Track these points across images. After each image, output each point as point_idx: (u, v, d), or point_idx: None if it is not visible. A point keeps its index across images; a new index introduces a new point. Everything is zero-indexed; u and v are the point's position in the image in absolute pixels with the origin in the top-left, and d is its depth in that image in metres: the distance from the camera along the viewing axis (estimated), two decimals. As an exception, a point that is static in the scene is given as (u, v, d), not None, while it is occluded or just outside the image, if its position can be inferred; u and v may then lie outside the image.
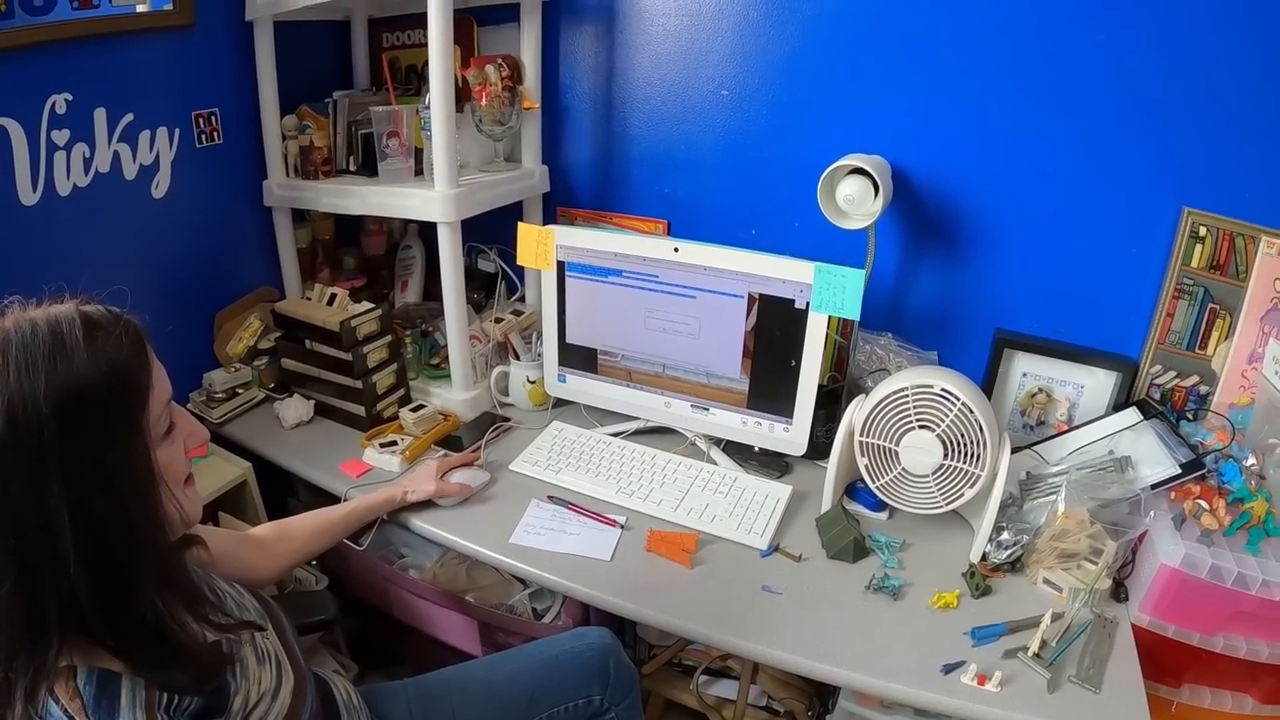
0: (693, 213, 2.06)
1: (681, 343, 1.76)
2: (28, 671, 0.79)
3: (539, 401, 2.01)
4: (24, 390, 0.77)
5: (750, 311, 1.65)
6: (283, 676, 1.03)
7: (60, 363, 0.79)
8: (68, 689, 0.79)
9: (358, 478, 1.77)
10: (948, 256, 1.83)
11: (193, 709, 0.86)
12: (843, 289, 1.53)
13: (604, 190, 2.15)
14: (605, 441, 1.84)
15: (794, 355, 1.63)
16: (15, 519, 0.78)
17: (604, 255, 1.74)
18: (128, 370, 0.85)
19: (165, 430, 0.91)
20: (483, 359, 2.04)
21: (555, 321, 1.86)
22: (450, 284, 1.83)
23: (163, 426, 0.91)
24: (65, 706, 0.78)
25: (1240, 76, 1.51)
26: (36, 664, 0.79)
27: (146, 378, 0.87)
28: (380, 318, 1.92)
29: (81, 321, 0.83)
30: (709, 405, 1.78)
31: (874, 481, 1.56)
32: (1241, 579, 1.34)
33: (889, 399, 1.49)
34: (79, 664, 0.81)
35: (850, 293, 1.53)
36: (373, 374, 1.91)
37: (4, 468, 0.77)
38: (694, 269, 1.67)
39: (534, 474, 1.76)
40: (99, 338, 0.83)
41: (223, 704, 0.91)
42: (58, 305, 0.86)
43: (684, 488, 1.68)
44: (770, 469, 1.78)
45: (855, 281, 1.52)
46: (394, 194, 1.85)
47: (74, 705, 0.78)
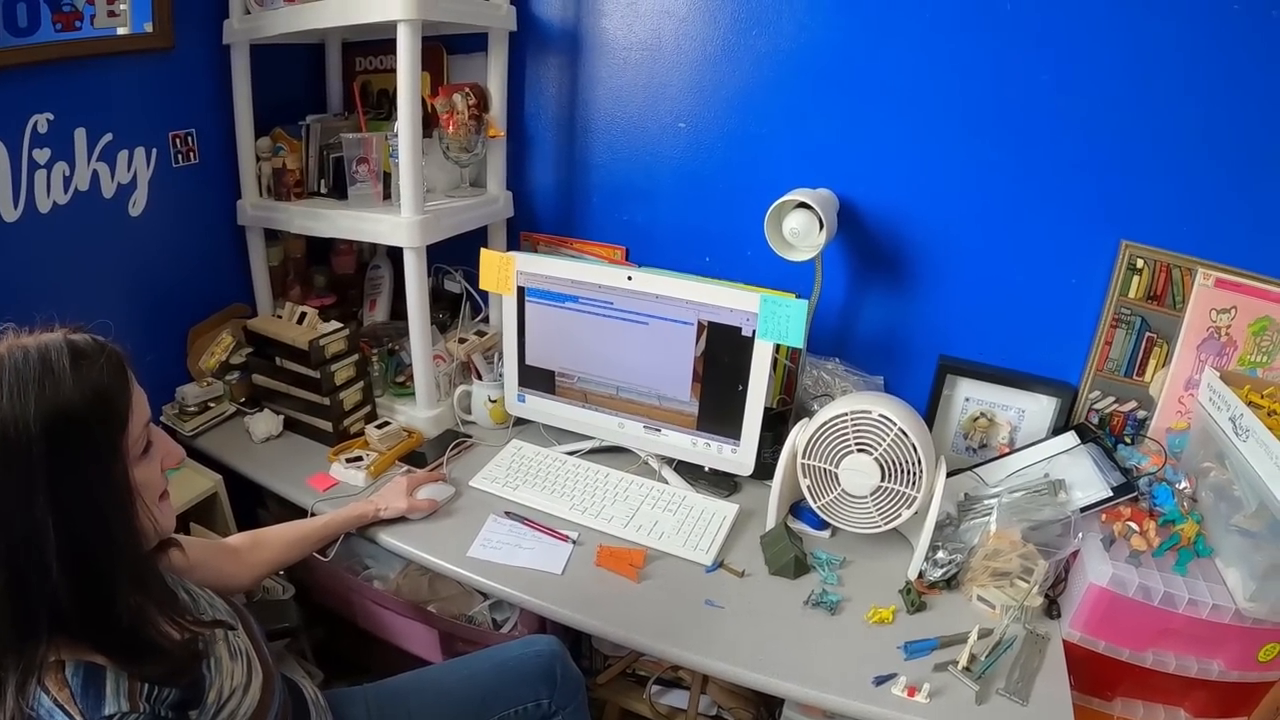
0: (651, 239, 2.13)
1: (635, 367, 1.83)
2: (19, 667, 0.85)
3: (500, 420, 2.07)
4: (15, 411, 0.83)
5: (700, 338, 1.72)
6: (253, 673, 1.09)
7: (49, 387, 0.86)
8: (56, 681, 0.85)
9: (324, 491, 1.81)
10: (894, 285, 1.90)
11: (172, 699, 0.92)
12: (787, 318, 1.60)
13: (566, 216, 2.21)
14: (561, 460, 1.90)
15: (741, 380, 1.70)
16: (4, 529, 0.84)
17: (562, 282, 1.81)
18: (110, 395, 0.92)
19: (143, 449, 0.97)
20: (446, 378, 2.09)
21: (515, 344, 1.92)
22: (415, 306, 1.87)
23: (141, 446, 0.97)
24: (55, 697, 0.84)
25: (1177, 115, 1.58)
26: (27, 660, 0.85)
27: (127, 402, 0.94)
28: (348, 337, 1.96)
29: (69, 349, 0.89)
30: (661, 426, 1.84)
31: (815, 501, 1.62)
32: (1169, 598, 1.39)
33: (830, 423, 1.56)
34: (66, 659, 0.87)
35: (794, 322, 1.60)
36: (340, 391, 1.95)
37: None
38: (647, 297, 1.73)
39: (493, 490, 1.81)
40: (84, 365, 0.89)
41: (199, 695, 0.97)
42: (47, 333, 0.92)
43: (635, 505, 1.74)
44: (719, 488, 1.84)
45: (799, 311, 1.59)
46: (362, 218, 1.89)
47: (63, 695, 0.85)
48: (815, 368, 1.92)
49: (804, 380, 1.92)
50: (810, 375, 1.92)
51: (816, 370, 1.92)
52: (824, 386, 1.89)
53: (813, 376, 1.91)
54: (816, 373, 1.91)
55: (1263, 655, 1.43)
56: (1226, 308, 1.64)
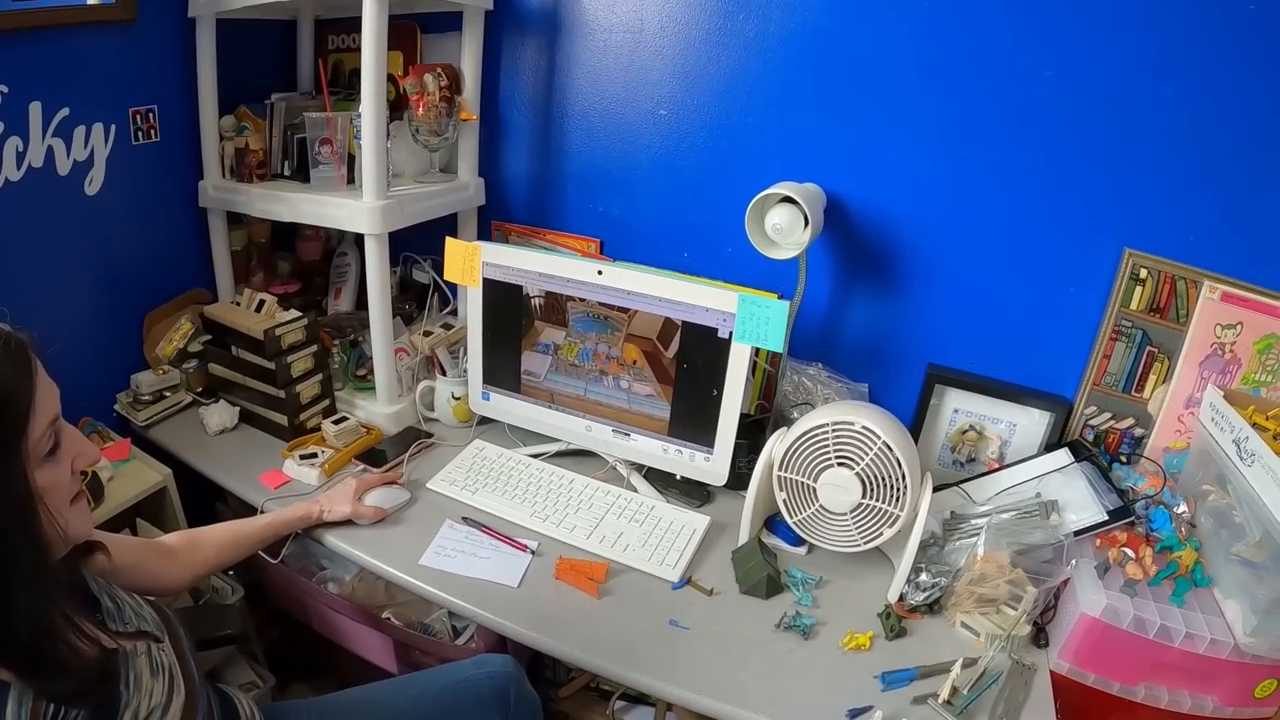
0: (626, 232, 2.03)
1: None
2: None
3: (463, 418, 1.98)
4: None
5: (673, 338, 1.62)
6: (174, 690, 1.01)
7: None
8: None
9: (275, 489, 1.73)
10: (882, 288, 1.81)
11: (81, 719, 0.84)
12: (767, 320, 1.50)
13: (539, 206, 2.13)
14: (525, 463, 1.81)
15: (716, 385, 1.60)
16: None
17: (530, 275, 1.71)
18: (6, 392, 0.83)
19: (49, 450, 0.89)
20: (410, 372, 2.00)
21: (480, 339, 1.83)
22: (376, 296, 1.79)
23: (45, 447, 0.88)
24: None
25: (1187, 118, 1.50)
26: None
27: (28, 399, 0.85)
28: (306, 327, 1.88)
29: None
30: (630, 431, 1.75)
31: (791, 517, 1.53)
32: (1165, 631, 1.34)
33: (809, 434, 1.46)
34: None
35: (774, 324, 1.50)
36: (296, 384, 1.87)
37: None
38: (618, 292, 1.64)
39: (450, 493, 1.72)
40: None
41: (111, 716, 0.89)
42: None
43: (599, 514, 1.65)
44: (691, 498, 1.74)
45: (779, 313, 1.49)
46: (323, 202, 1.82)
47: None
48: (796, 373, 1.83)
49: (784, 386, 1.82)
50: (790, 381, 1.82)
51: (798, 375, 1.82)
52: (805, 393, 1.79)
53: (793, 382, 1.82)
54: (798, 378, 1.81)
55: (1259, 692, 1.38)
56: (1232, 323, 1.57)
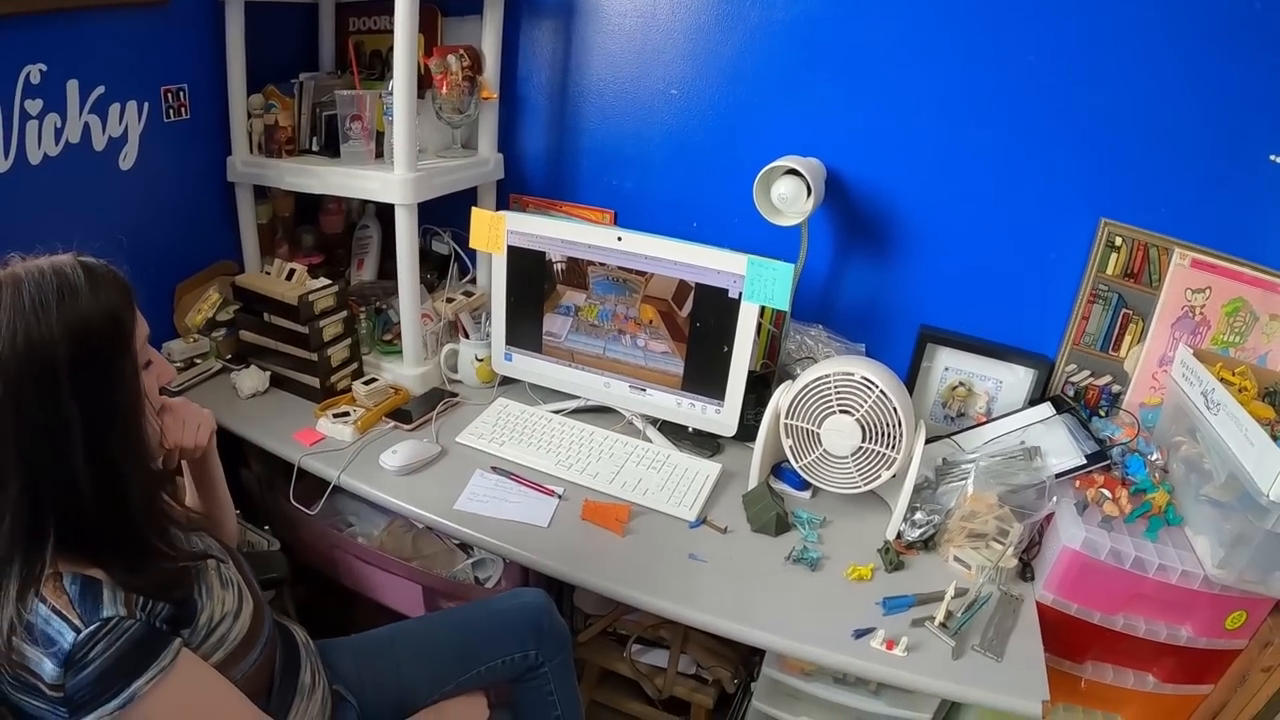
0: (639, 204, 2.14)
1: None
2: (20, 575, 0.91)
3: (486, 379, 2.08)
4: (40, 320, 0.90)
5: (687, 299, 1.74)
6: (243, 602, 1.14)
7: (69, 298, 0.93)
8: (54, 589, 0.91)
9: (311, 446, 1.80)
10: (878, 254, 1.93)
11: (165, 614, 0.97)
12: (773, 281, 1.62)
13: (555, 179, 2.22)
14: (547, 418, 1.92)
15: (727, 342, 1.72)
16: (30, 428, 0.90)
17: (552, 241, 1.82)
18: (120, 308, 0.99)
19: (145, 363, 1.05)
20: (434, 336, 2.10)
21: (504, 302, 1.93)
22: (405, 264, 1.88)
23: (143, 359, 1.04)
24: (53, 604, 0.89)
25: (1160, 97, 1.61)
26: (28, 568, 0.91)
27: (134, 317, 1.02)
28: (337, 294, 1.95)
29: (82, 269, 0.97)
30: (646, 386, 1.86)
31: (797, 461, 1.65)
32: (1139, 562, 1.43)
33: (813, 384, 1.58)
34: (64, 570, 0.92)
35: (780, 285, 1.62)
36: (328, 347, 1.94)
37: (21, 384, 0.90)
38: (636, 257, 1.75)
39: (479, 446, 1.83)
40: (97, 280, 0.97)
41: (190, 615, 1.02)
42: (59, 256, 0.99)
43: (619, 463, 1.76)
44: (702, 448, 1.86)
45: (785, 275, 1.61)
46: (354, 175, 1.89)
47: (60, 601, 0.90)
48: (798, 333, 1.95)
49: (787, 345, 1.94)
50: (793, 340, 1.94)
51: (800, 336, 1.94)
52: (806, 351, 1.92)
53: (795, 341, 1.94)
54: (800, 338, 1.94)
55: (1229, 623, 1.47)
56: (1201, 288, 1.67)
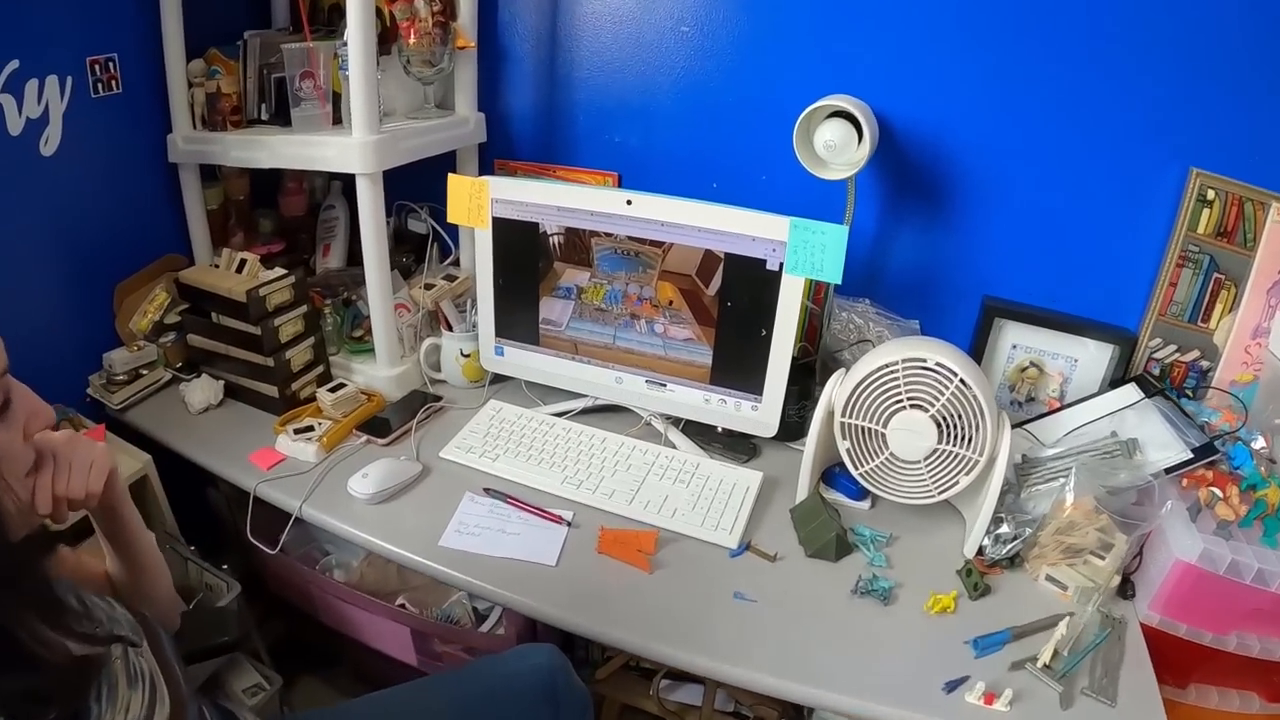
0: (646, 164, 1.85)
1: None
2: None
3: (475, 377, 1.80)
4: None
5: (714, 274, 1.45)
6: (157, 702, 0.87)
7: None
8: None
9: (269, 470, 1.55)
10: (933, 215, 1.66)
11: None
12: (822, 247, 1.33)
13: (547, 140, 1.94)
14: (549, 423, 1.64)
15: (764, 324, 1.43)
16: None
17: (546, 210, 1.52)
18: None
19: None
20: (411, 330, 1.82)
21: (491, 286, 1.64)
22: (371, 244, 1.60)
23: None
24: None
25: (1258, 30, 1.37)
26: None
27: None
28: (294, 285, 1.70)
29: None
30: (667, 381, 1.58)
31: (857, 468, 1.37)
32: (1261, 575, 1.24)
33: (876, 375, 1.30)
34: None
35: (831, 252, 1.33)
36: (286, 349, 1.69)
37: None
38: (650, 224, 1.45)
39: (468, 462, 1.55)
40: None
41: None
42: None
43: (639, 476, 1.48)
44: (736, 452, 1.58)
45: (837, 239, 1.32)
46: (307, 143, 1.63)
47: None
48: (843, 310, 1.67)
49: (832, 325, 1.67)
50: (838, 319, 1.67)
51: (844, 314, 1.66)
52: (855, 332, 1.64)
53: (840, 320, 1.66)
54: (845, 317, 1.66)
55: None
56: None
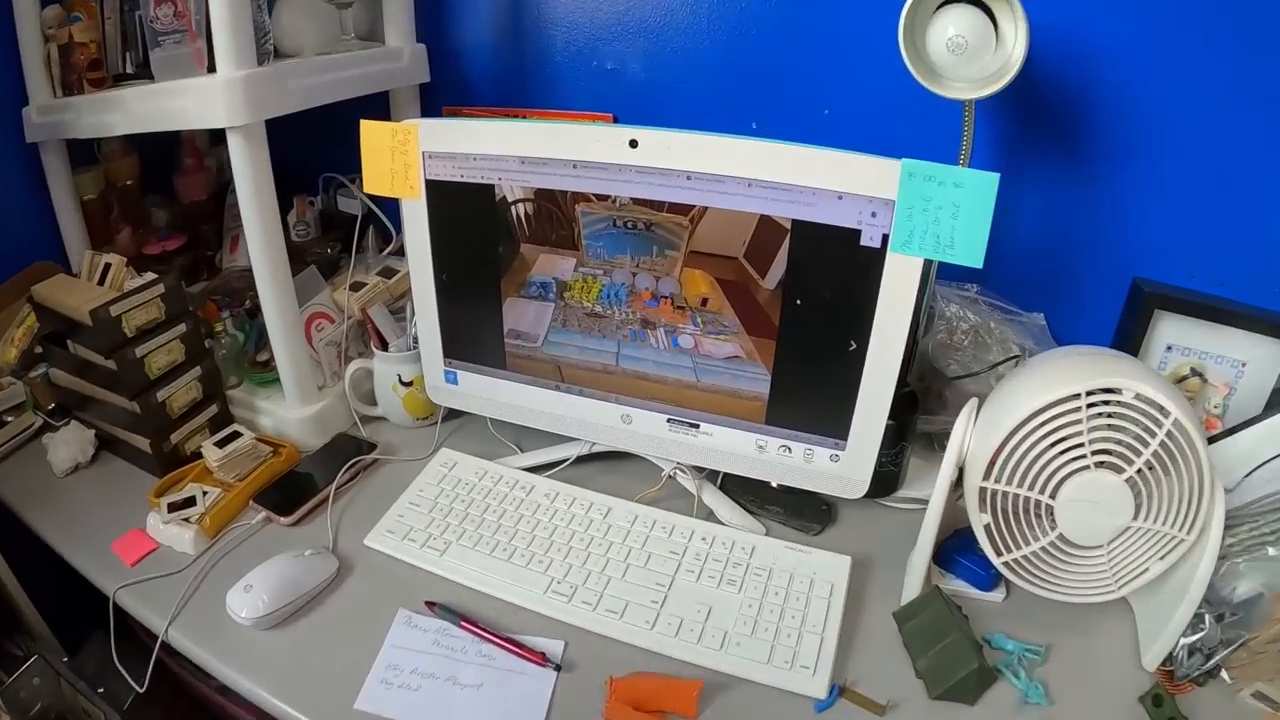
0: (653, 98, 1.31)
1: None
2: None
3: (421, 413, 1.29)
4: None
5: (775, 254, 0.93)
6: None
7: None
8: None
9: (134, 566, 1.05)
10: (1072, 167, 1.14)
11: None
12: (954, 209, 0.81)
13: (513, 75, 1.40)
14: (524, 485, 1.11)
15: (854, 331, 0.91)
16: None
17: (505, 165, 1.00)
18: None
19: None
20: (334, 350, 1.31)
21: (432, 285, 1.13)
22: (256, 231, 1.10)
23: None
24: None
25: None
26: None
27: None
28: (164, 296, 1.19)
29: None
30: (699, 420, 1.05)
31: (1001, 554, 0.87)
32: None
33: (1044, 417, 0.80)
34: None
35: (970, 215, 0.81)
36: (157, 388, 1.19)
37: None
38: (669, 178, 0.93)
39: (404, 555, 1.03)
40: None
41: None
42: None
43: (665, 575, 0.96)
44: (804, 518, 1.07)
45: (981, 193, 0.80)
46: (163, 92, 1.13)
47: None
48: (946, 300, 1.15)
49: (935, 327, 1.15)
50: (941, 314, 1.15)
51: (950, 305, 1.15)
52: (967, 336, 1.12)
53: (944, 317, 1.14)
54: (951, 310, 1.14)
55: None
56: None
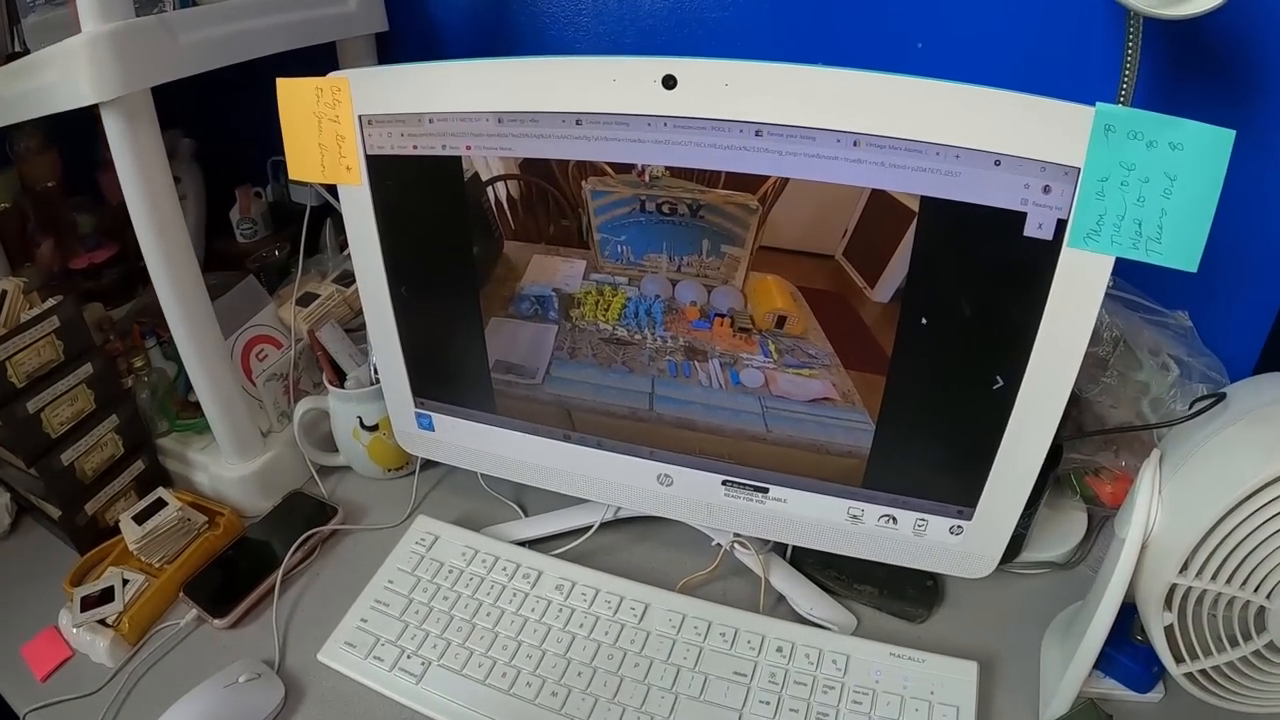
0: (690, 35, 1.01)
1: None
2: None
3: (392, 463, 1.02)
4: None
5: (895, 250, 0.63)
6: None
7: None
8: None
9: (44, 679, 0.84)
10: (1231, 124, 0.86)
11: None
12: (1169, 182, 0.53)
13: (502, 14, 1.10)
14: (526, 572, 0.83)
15: (1004, 360, 0.62)
16: None
17: (475, 123, 0.71)
18: None
19: None
20: (278, 385, 1.04)
21: (389, 300, 0.85)
22: (149, 234, 0.84)
23: None
24: None
25: None
26: None
27: None
28: (61, 330, 0.94)
29: None
30: (769, 483, 0.77)
31: (1184, 661, 0.61)
32: None
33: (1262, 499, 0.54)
34: None
35: (1191, 193, 0.52)
36: (60, 447, 0.95)
37: None
38: (727, 133, 0.61)
39: (365, 678, 0.76)
40: None
41: None
42: None
43: (730, 707, 0.69)
44: (901, 600, 0.80)
45: (1211, 158, 0.52)
46: (25, 70, 0.88)
47: None
48: None
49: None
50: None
51: None
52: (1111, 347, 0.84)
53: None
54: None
55: None
56: None
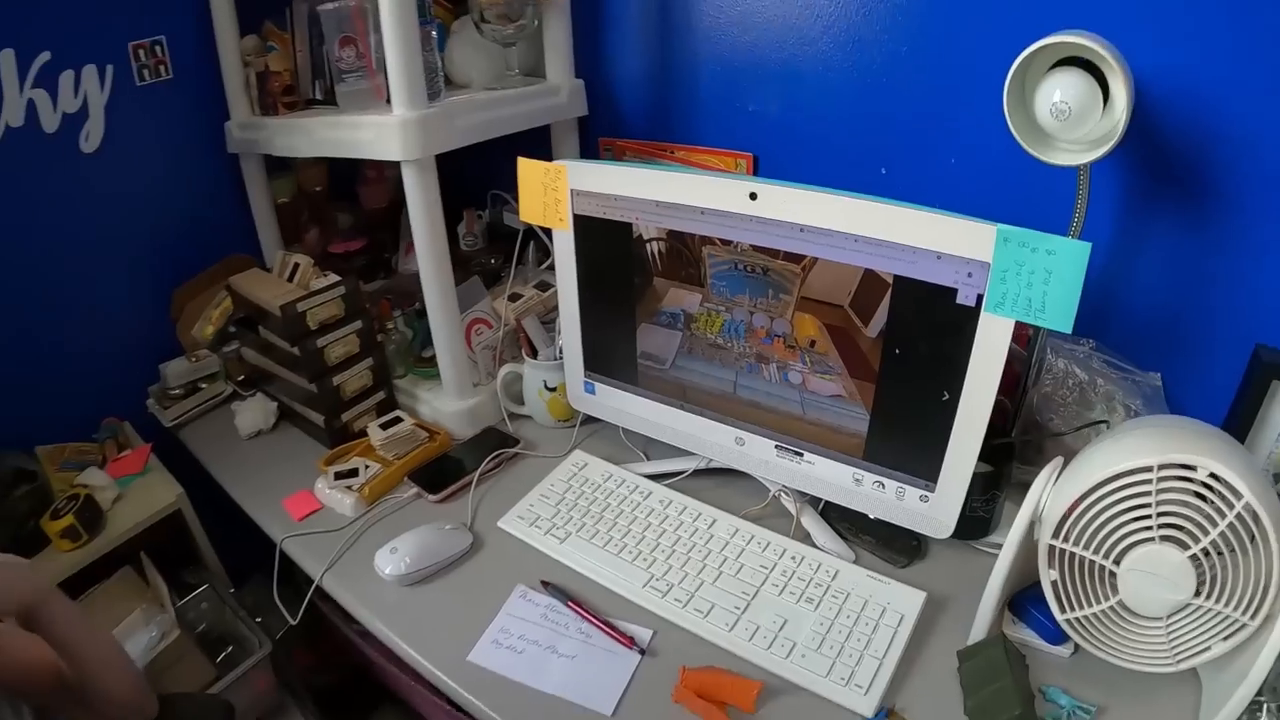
0: (791, 141, 1.37)
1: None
2: None
3: (562, 416, 1.43)
4: None
5: (877, 306, 1.00)
6: None
7: None
8: None
9: (300, 520, 1.26)
10: (1195, 226, 1.12)
11: None
12: (1046, 275, 0.86)
13: (663, 112, 1.50)
14: (643, 490, 1.23)
15: (948, 383, 0.97)
16: None
17: (640, 206, 1.12)
18: None
19: None
20: (490, 353, 1.47)
21: (576, 305, 1.26)
22: (425, 247, 1.26)
23: None
24: None
25: None
26: None
27: None
28: (345, 297, 1.38)
29: None
30: (804, 450, 1.14)
31: (1064, 611, 0.91)
32: None
33: (1114, 485, 0.83)
34: None
35: (1060, 283, 0.86)
36: (333, 374, 1.39)
37: None
38: (784, 229, 1.01)
39: (529, 539, 1.17)
40: None
41: None
42: None
43: (751, 585, 1.05)
44: (893, 551, 1.12)
45: (1072, 262, 0.85)
46: (342, 124, 1.30)
47: None
48: (1057, 355, 1.18)
49: (1041, 379, 1.17)
50: (1050, 367, 1.17)
51: (1060, 360, 1.17)
52: (1074, 390, 1.15)
53: (1054, 371, 1.17)
54: (1063, 365, 1.17)
55: None
56: None
